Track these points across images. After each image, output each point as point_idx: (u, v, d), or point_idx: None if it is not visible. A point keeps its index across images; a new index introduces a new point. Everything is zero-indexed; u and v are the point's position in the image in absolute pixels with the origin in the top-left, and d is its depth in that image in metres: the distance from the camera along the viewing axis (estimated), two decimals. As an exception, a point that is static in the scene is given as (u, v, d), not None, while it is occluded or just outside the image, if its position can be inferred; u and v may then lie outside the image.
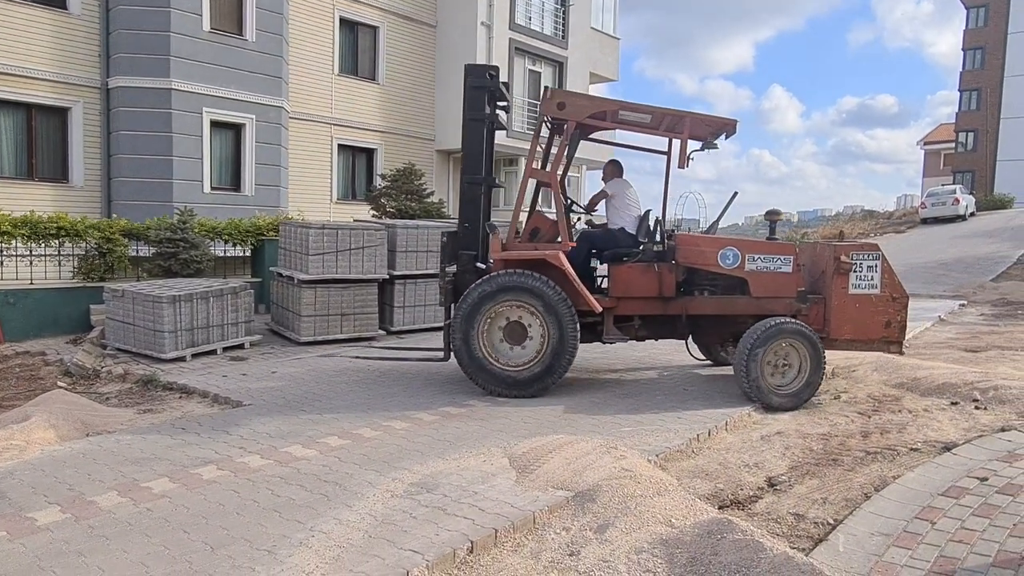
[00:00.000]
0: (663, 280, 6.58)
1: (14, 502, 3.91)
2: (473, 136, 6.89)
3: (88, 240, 10.05)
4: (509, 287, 6.39)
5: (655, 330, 6.96)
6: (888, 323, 6.36)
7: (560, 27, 21.51)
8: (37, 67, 12.90)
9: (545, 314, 6.34)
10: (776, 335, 6.13)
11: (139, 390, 7.07)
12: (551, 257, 6.41)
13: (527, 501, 3.93)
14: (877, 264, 6.33)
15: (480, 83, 6.79)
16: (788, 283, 6.54)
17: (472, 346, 6.44)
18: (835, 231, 30.69)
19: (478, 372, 6.49)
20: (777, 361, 6.19)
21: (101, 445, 4.98)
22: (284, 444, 4.99)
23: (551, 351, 6.36)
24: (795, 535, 3.77)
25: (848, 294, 6.36)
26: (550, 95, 6.60)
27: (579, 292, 6.36)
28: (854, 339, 6.46)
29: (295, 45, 16.17)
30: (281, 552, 3.33)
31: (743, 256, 6.54)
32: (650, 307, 6.68)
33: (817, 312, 6.51)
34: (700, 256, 6.60)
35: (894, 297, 6.33)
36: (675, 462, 4.81)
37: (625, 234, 6.99)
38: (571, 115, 6.60)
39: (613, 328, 6.70)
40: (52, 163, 13.55)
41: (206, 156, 14.21)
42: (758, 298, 6.55)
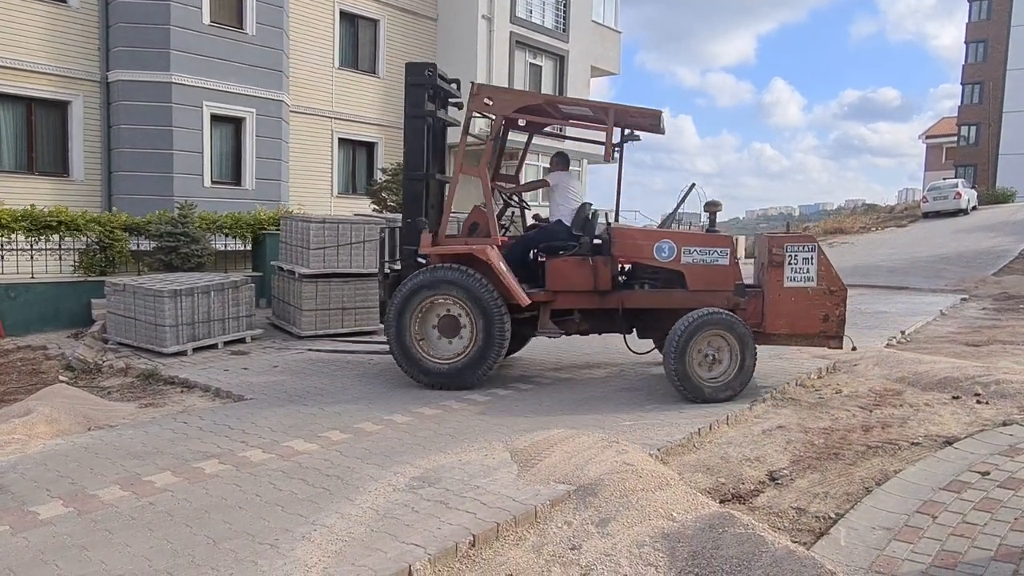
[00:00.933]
0: (598, 273, 6.50)
1: (16, 496, 3.92)
2: (413, 133, 6.94)
3: (89, 234, 10.04)
4: (438, 281, 6.46)
5: (596, 324, 6.89)
6: (826, 317, 6.08)
7: (561, 20, 21.44)
8: (37, 60, 12.88)
9: (472, 308, 6.39)
10: (701, 327, 6.01)
11: (140, 384, 7.08)
12: (477, 252, 6.43)
13: (529, 495, 3.93)
14: (813, 256, 6.05)
15: (418, 80, 6.84)
16: (725, 276, 6.36)
17: (404, 339, 6.52)
18: (836, 225, 30.65)
19: (409, 364, 6.57)
20: (707, 353, 6.09)
21: (103, 439, 4.98)
22: (286, 438, 4.99)
23: (478, 344, 6.41)
24: (796, 529, 3.78)
25: (783, 287, 6.12)
26: (476, 91, 6.61)
27: (505, 286, 6.35)
28: (790, 333, 6.22)
29: (295, 38, 16.13)
30: (283, 546, 3.33)
31: (679, 249, 6.40)
32: (587, 301, 6.62)
33: (755, 306, 6.31)
34: (635, 249, 6.56)
35: (831, 290, 6.06)
36: (676, 456, 4.81)
37: (562, 227, 6.93)
38: (498, 110, 6.67)
39: (549, 322, 6.68)
40: (52, 157, 13.54)
41: (206, 150, 14.20)
42: (695, 291, 6.39)
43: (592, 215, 6.97)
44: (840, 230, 29.54)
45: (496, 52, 19.30)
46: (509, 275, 6.38)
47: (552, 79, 21.70)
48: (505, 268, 6.43)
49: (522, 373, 7.29)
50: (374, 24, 18.32)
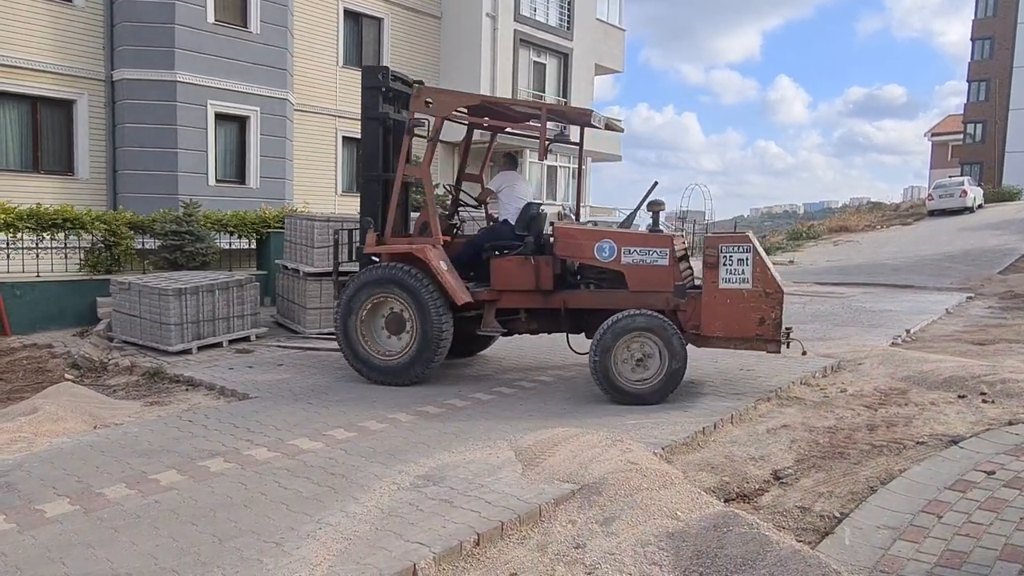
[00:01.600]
0: (540, 273, 6.51)
1: (23, 494, 3.93)
2: (370, 135, 7.06)
3: (94, 233, 10.07)
4: (381, 280, 6.62)
5: (543, 324, 6.93)
6: (761, 320, 5.83)
7: (565, 18, 21.42)
8: (42, 59, 12.91)
9: (413, 305, 6.51)
10: (626, 329, 5.95)
11: (146, 382, 7.10)
12: (416, 251, 6.56)
13: (533, 494, 3.94)
14: (748, 257, 5.81)
15: (372, 83, 6.94)
16: (664, 276, 6.22)
17: (350, 335, 6.71)
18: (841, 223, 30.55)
19: (355, 359, 6.76)
20: (635, 355, 6.01)
21: (109, 437, 5.00)
22: (291, 436, 5.00)
23: (418, 341, 6.51)
24: (801, 528, 3.77)
25: (718, 288, 5.90)
26: (417, 93, 6.73)
27: (443, 285, 6.43)
28: (726, 336, 6.00)
29: (299, 37, 16.14)
30: (289, 544, 3.34)
31: (619, 249, 6.31)
32: (531, 300, 6.64)
33: (694, 307, 6.11)
34: (577, 249, 6.50)
35: (767, 292, 5.79)
36: (681, 455, 4.81)
37: (507, 227, 7.00)
38: (437, 112, 6.72)
39: (493, 320, 6.74)
40: (57, 155, 13.58)
41: (211, 148, 14.22)
42: (635, 292, 6.29)
43: (537, 215, 6.99)
44: (845, 228, 29.46)
45: (500, 50, 19.30)
46: (447, 274, 6.46)
47: (556, 77, 21.69)
48: (445, 267, 6.51)
49: (526, 372, 7.29)
50: (378, 22, 18.32)
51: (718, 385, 6.58)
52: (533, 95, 20.74)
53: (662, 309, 6.16)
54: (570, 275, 6.72)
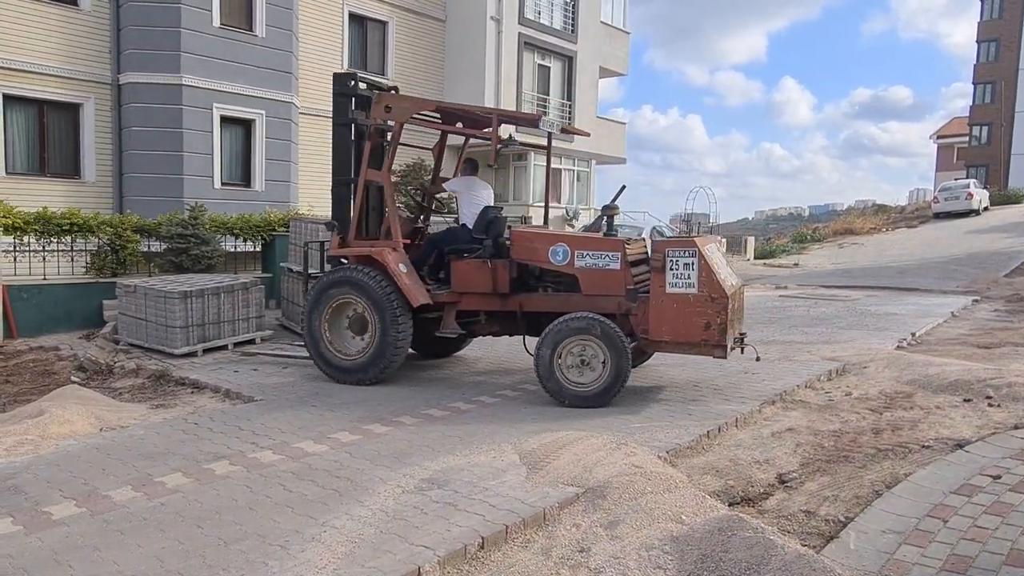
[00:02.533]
0: (497, 276, 6.59)
1: (30, 496, 3.95)
2: (340, 140, 7.23)
3: (100, 236, 10.11)
4: (342, 281, 6.82)
5: (504, 326, 7.02)
6: (707, 325, 5.76)
7: (569, 21, 21.45)
8: (49, 63, 12.99)
9: (372, 307, 6.66)
10: (569, 332, 5.97)
11: (151, 385, 7.13)
12: (375, 253, 6.72)
13: (537, 497, 3.94)
14: (694, 262, 5.77)
15: (342, 89, 7.10)
16: (616, 280, 6.24)
17: (314, 334, 6.93)
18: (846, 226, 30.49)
19: (318, 358, 6.97)
20: (579, 358, 6.02)
21: (115, 440, 5.02)
22: (296, 439, 5.02)
23: (377, 342, 6.65)
24: (806, 532, 3.77)
25: (665, 293, 5.86)
26: (377, 99, 6.89)
27: (400, 287, 6.57)
28: (674, 341, 5.96)
29: (304, 40, 16.20)
30: (294, 547, 3.35)
31: (572, 252, 6.36)
32: (489, 303, 6.75)
33: (644, 311, 6.08)
34: (532, 252, 6.55)
35: (712, 297, 5.73)
36: (685, 459, 4.81)
37: (465, 231, 7.11)
38: (397, 117, 6.87)
39: (452, 322, 6.87)
40: (64, 159, 13.65)
41: (216, 152, 14.27)
42: (589, 295, 6.32)
43: (495, 219, 7.08)
44: (850, 231, 29.41)
45: (504, 53, 19.33)
46: (404, 276, 6.60)
47: (560, 80, 21.71)
48: (404, 269, 6.66)
49: (530, 375, 7.29)
50: (383, 26, 18.38)
51: (722, 388, 6.57)
52: (537, 98, 20.77)
53: (614, 313, 6.20)
54: (532, 278, 6.80)
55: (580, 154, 22.58)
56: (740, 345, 6.33)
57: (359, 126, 7.17)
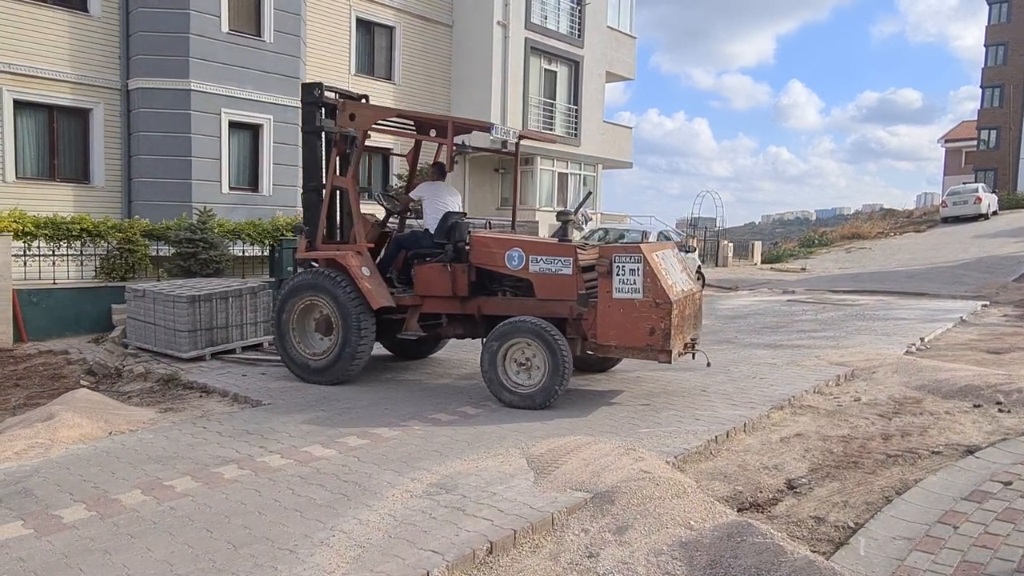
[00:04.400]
0: (456, 280, 6.76)
1: (40, 500, 3.97)
2: (309, 148, 7.44)
3: (110, 240, 10.18)
4: (308, 284, 7.04)
5: (466, 329, 7.15)
6: (652, 330, 5.82)
7: (576, 26, 21.47)
8: (59, 69, 13.07)
9: (335, 308, 6.87)
10: (510, 333, 6.12)
11: (160, 389, 7.15)
12: (338, 257, 6.93)
13: (546, 502, 3.94)
14: (639, 268, 5.85)
15: (310, 99, 7.27)
16: (568, 285, 6.34)
17: (283, 335, 7.18)
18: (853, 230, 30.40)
19: (287, 358, 7.23)
20: (522, 359, 6.15)
21: (124, 443, 5.04)
22: (304, 444, 5.03)
23: (341, 342, 6.84)
24: (815, 538, 3.75)
25: (612, 298, 5.95)
26: (342, 107, 7.14)
27: (362, 290, 6.74)
28: (620, 345, 6.04)
29: (312, 46, 16.26)
30: (303, 551, 3.35)
31: (527, 257, 6.49)
32: (449, 306, 6.93)
33: (594, 316, 6.15)
34: (489, 257, 6.68)
35: (657, 303, 5.79)
36: (693, 464, 4.80)
37: (428, 235, 7.25)
38: (360, 125, 7.10)
39: (414, 324, 7.05)
40: (74, 164, 13.72)
41: (224, 156, 14.32)
42: (543, 300, 6.44)
43: (456, 224, 7.17)
44: (857, 235, 29.33)
45: (511, 58, 19.36)
46: (366, 280, 6.79)
47: (567, 85, 21.73)
48: (367, 272, 6.85)
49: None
50: (390, 31, 18.44)
51: (730, 393, 6.56)
52: (544, 103, 20.79)
53: (566, 317, 6.31)
54: (492, 282, 6.92)
55: (586, 159, 22.59)
56: (691, 351, 6.41)
57: (328, 134, 7.37)
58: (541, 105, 20.72)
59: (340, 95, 7.54)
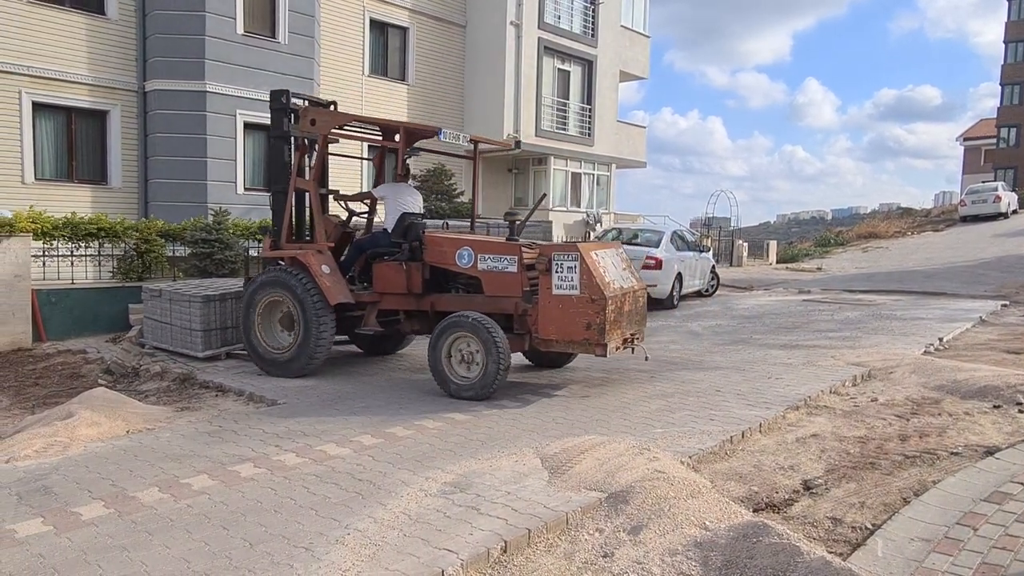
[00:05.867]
0: (411, 277, 7.05)
1: (59, 497, 4.02)
2: (276, 152, 7.77)
3: (127, 241, 10.27)
4: (272, 282, 7.35)
5: (423, 325, 7.36)
6: (588, 325, 6.16)
7: (589, 26, 21.43)
8: (77, 71, 13.21)
9: (296, 305, 7.16)
10: (450, 328, 6.41)
11: (177, 388, 7.21)
12: (299, 255, 7.25)
13: (560, 502, 3.93)
14: (576, 265, 6.17)
15: (277, 105, 7.61)
16: (513, 283, 6.63)
17: (249, 330, 7.47)
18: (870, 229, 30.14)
19: (252, 352, 7.53)
20: (464, 353, 6.43)
21: (141, 442, 5.09)
22: (318, 442, 5.05)
23: (302, 337, 7.14)
24: (832, 539, 3.72)
25: (552, 294, 6.29)
26: (303, 113, 7.41)
27: (320, 287, 7.02)
28: (559, 339, 6.37)
29: (326, 47, 16.34)
30: (318, 549, 3.37)
31: (476, 256, 6.78)
32: (406, 302, 7.21)
33: (536, 311, 6.46)
34: (441, 255, 6.98)
35: (593, 299, 6.13)
36: (708, 464, 4.77)
37: (386, 235, 7.48)
38: (320, 129, 7.36)
39: (372, 319, 7.34)
40: (91, 165, 13.86)
41: (239, 157, 14.43)
42: (491, 296, 6.73)
43: (412, 224, 7.38)
44: (874, 234, 29.07)
45: (524, 58, 19.36)
46: (325, 277, 7.08)
47: (580, 84, 21.69)
48: (326, 270, 7.14)
49: (551, 380, 7.29)
50: (403, 32, 18.49)
51: (745, 393, 6.52)
52: (557, 103, 20.76)
53: (512, 313, 6.62)
54: (445, 280, 7.22)
55: (600, 158, 22.54)
56: (631, 345, 6.69)
57: (300, 139, 7.64)
58: (554, 105, 20.70)
59: (309, 101, 7.87)
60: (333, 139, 7.71)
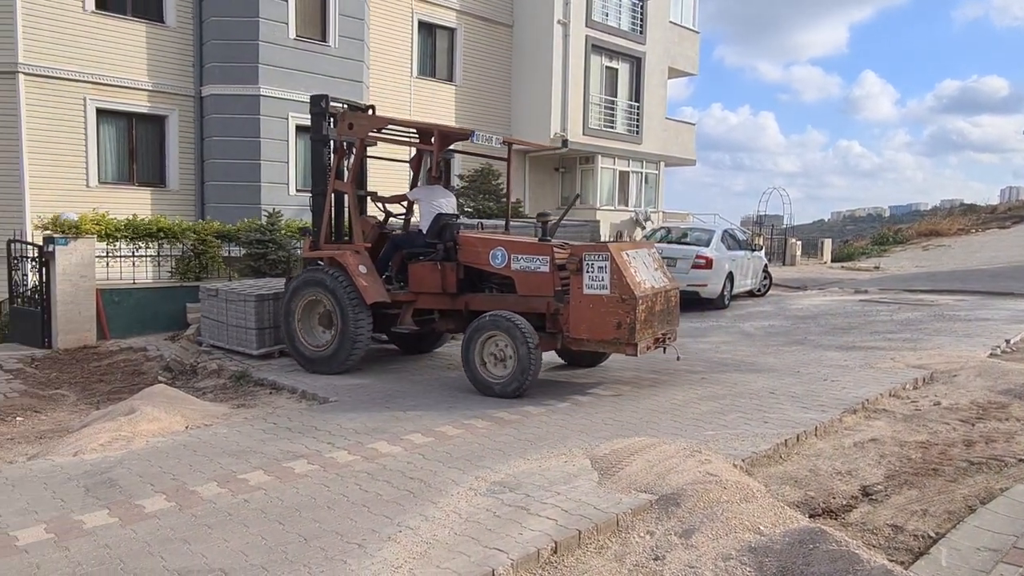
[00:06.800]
0: (446, 277, 7.17)
1: (124, 490, 4.16)
2: (316, 155, 7.86)
3: (184, 242, 10.58)
4: (311, 281, 7.52)
5: (458, 324, 7.45)
6: (619, 324, 6.17)
7: (638, 22, 21.23)
8: (138, 78, 13.67)
9: (335, 304, 7.30)
10: (482, 327, 6.49)
11: (232, 385, 7.40)
12: (337, 255, 7.41)
13: (610, 503, 3.90)
14: (607, 265, 6.19)
15: (317, 109, 7.73)
16: (545, 282, 6.68)
17: (290, 328, 7.66)
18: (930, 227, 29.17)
19: (292, 349, 7.74)
20: (497, 352, 6.50)
21: (200, 437, 5.23)
22: (370, 440, 5.12)
23: (340, 335, 7.29)
24: (893, 548, 3.61)
25: (583, 294, 6.31)
26: (341, 117, 7.61)
27: (357, 286, 7.15)
28: (590, 339, 6.40)
29: (375, 49, 16.55)
30: (371, 546, 3.41)
31: (509, 256, 6.85)
32: (441, 302, 7.34)
33: (567, 311, 6.49)
34: (475, 255, 7.09)
35: (623, 298, 6.13)
36: (762, 468, 4.68)
37: (421, 235, 7.59)
38: (357, 133, 7.54)
39: (408, 318, 7.46)
40: (151, 168, 14.34)
41: (292, 159, 14.73)
42: (523, 296, 6.81)
43: (447, 224, 7.43)
44: (935, 232, 28.12)
45: (572, 57, 19.28)
46: (362, 277, 7.23)
47: (628, 82, 21.51)
48: (363, 270, 7.29)
49: (601, 380, 7.25)
50: (451, 33, 18.61)
51: (799, 396, 6.38)
52: (605, 101, 20.63)
53: (544, 312, 6.68)
54: (479, 280, 7.30)
55: (649, 156, 22.31)
56: (662, 345, 6.70)
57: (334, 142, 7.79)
58: (602, 103, 20.57)
59: (348, 106, 8.01)
60: (371, 142, 7.85)
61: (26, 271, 9.98)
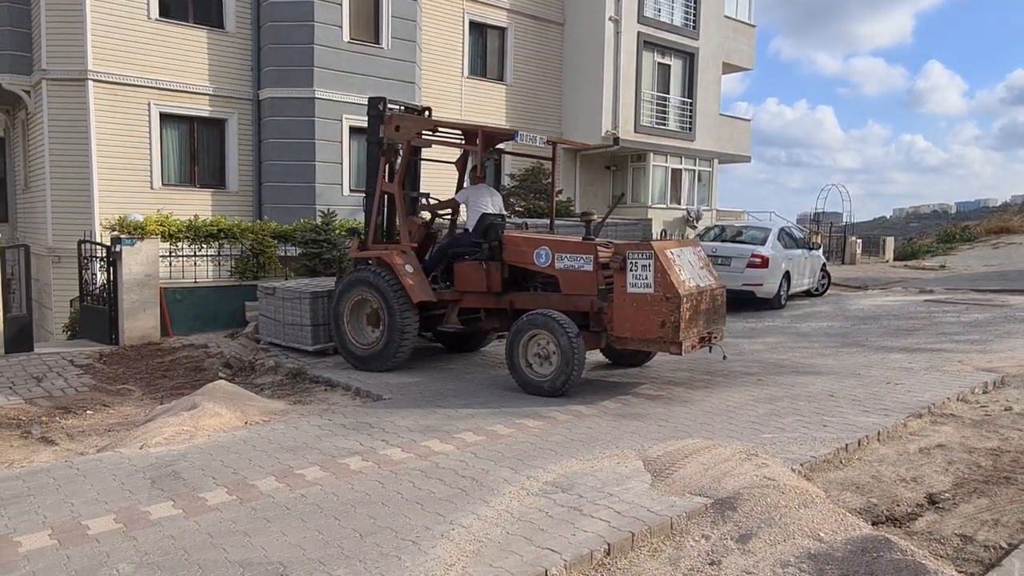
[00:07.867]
0: (491, 276, 7.22)
1: (187, 483, 4.29)
2: (372, 156, 8.03)
3: (243, 242, 10.86)
4: (359, 281, 7.66)
5: (503, 323, 7.44)
6: (663, 323, 6.11)
7: (691, 17, 20.90)
8: (199, 83, 14.11)
9: (382, 303, 7.42)
10: (527, 326, 6.52)
11: (289, 382, 7.56)
12: (384, 255, 7.53)
13: (664, 506, 3.85)
14: (651, 264, 6.15)
15: (375, 112, 7.87)
16: (589, 281, 6.69)
17: (339, 326, 7.82)
18: (1000, 224, 27.98)
19: (341, 347, 7.88)
20: (538, 351, 6.53)
21: (259, 433, 5.37)
22: (423, 438, 5.16)
23: (386, 334, 7.41)
24: (962, 558, 3.47)
25: (627, 293, 6.28)
26: (388, 120, 7.69)
27: (404, 285, 7.26)
28: (634, 337, 6.36)
29: (427, 50, 16.70)
30: (424, 543, 3.44)
31: (553, 255, 6.87)
32: (486, 301, 7.39)
33: (611, 309, 6.47)
34: (520, 255, 7.12)
35: (667, 297, 6.08)
36: (821, 473, 4.56)
37: (467, 235, 7.67)
38: (404, 136, 7.66)
39: (454, 317, 7.57)
40: (211, 171, 14.78)
41: (346, 160, 14.99)
42: (567, 295, 6.82)
43: (492, 224, 7.43)
44: (1006, 229, 26.98)
45: (623, 53, 19.11)
46: (408, 276, 7.33)
47: (681, 78, 21.20)
48: (410, 270, 7.38)
49: (654, 380, 7.16)
50: (502, 32, 18.64)
51: (861, 399, 6.19)
52: (657, 97, 20.39)
53: (587, 311, 6.68)
54: (524, 279, 7.35)
55: (702, 153, 21.96)
56: (708, 344, 6.62)
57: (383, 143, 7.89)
58: (654, 100, 20.33)
59: (406, 108, 8.08)
60: (420, 144, 7.92)
61: (95, 270, 10.40)
